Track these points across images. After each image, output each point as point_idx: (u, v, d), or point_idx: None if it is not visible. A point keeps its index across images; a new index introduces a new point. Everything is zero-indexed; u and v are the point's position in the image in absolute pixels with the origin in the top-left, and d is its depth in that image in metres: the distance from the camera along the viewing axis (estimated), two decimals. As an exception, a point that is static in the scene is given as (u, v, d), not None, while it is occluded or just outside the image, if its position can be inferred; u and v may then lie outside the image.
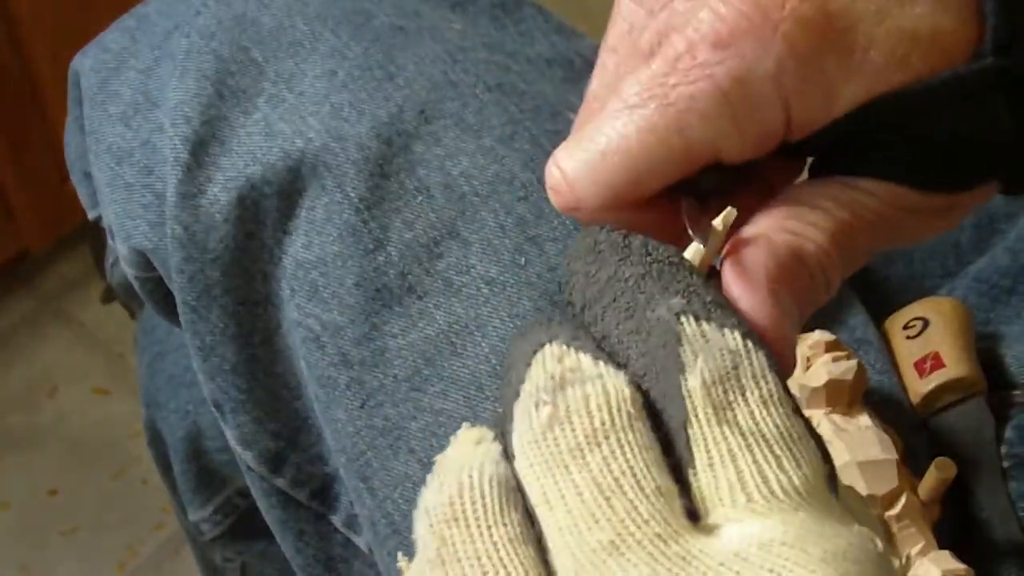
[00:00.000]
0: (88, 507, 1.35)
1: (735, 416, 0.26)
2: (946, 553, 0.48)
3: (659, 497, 0.25)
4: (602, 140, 0.32)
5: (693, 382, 0.26)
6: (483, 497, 0.26)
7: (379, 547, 0.55)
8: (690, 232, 0.31)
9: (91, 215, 0.69)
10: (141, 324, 0.89)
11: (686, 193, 0.32)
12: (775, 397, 0.27)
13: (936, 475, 0.49)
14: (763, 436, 0.26)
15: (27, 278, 1.52)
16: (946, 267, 0.62)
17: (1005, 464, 0.52)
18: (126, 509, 1.35)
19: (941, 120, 0.31)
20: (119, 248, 0.63)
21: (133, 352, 0.94)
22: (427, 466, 0.53)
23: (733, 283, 0.30)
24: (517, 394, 0.28)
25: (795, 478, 0.26)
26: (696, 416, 0.26)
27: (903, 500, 0.49)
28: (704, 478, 0.26)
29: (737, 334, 0.27)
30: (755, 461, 0.26)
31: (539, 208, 0.54)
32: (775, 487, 0.25)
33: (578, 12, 0.95)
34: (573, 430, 0.26)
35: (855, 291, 0.58)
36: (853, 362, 0.51)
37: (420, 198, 0.54)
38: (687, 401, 0.26)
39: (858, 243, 0.32)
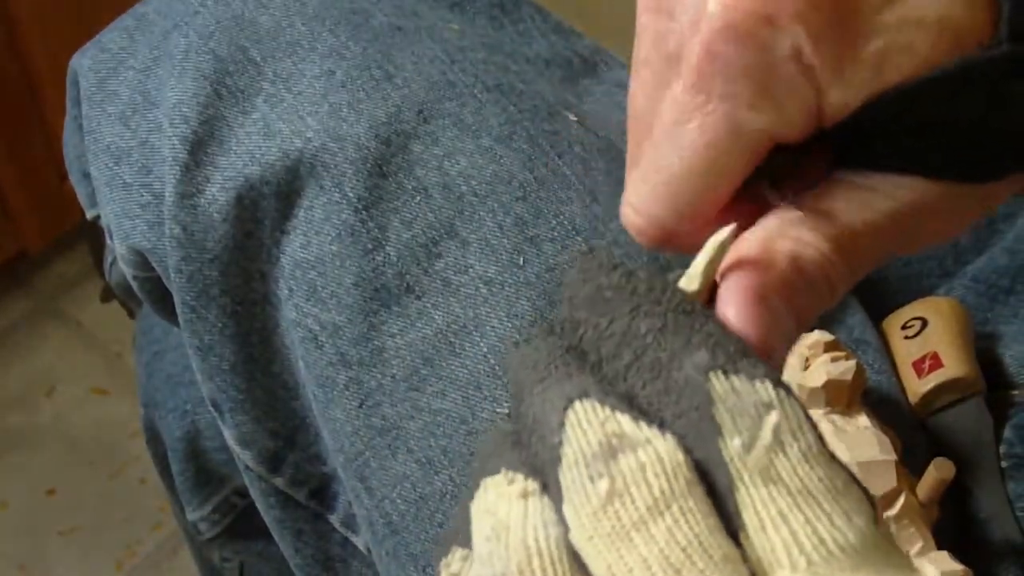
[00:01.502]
0: (86, 507, 1.35)
1: (779, 474, 0.26)
2: (945, 554, 0.47)
3: (727, 564, 0.25)
4: (665, 169, 0.31)
5: (733, 446, 0.26)
6: (553, 566, 0.26)
7: (377, 547, 0.55)
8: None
9: (89, 215, 0.69)
10: (139, 324, 0.88)
11: (761, 179, 0.32)
12: (814, 449, 0.26)
13: (935, 475, 0.49)
14: (810, 493, 0.26)
15: (25, 278, 1.52)
16: (944, 267, 0.61)
17: (1004, 464, 0.52)
18: (124, 508, 1.35)
19: (956, 108, 0.31)
20: (117, 248, 0.63)
21: (131, 352, 0.94)
22: (425, 466, 0.53)
23: (725, 298, 0.30)
24: (555, 457, 0.27)
25: (850, 534, 0.25)
26: (742, 480, 0.26)
27: (901, 500, 0.49)
28: (758, 541, 0.25)
29: (768, 384, 0.27)
30: (807, 521, 0.25)
31: (537, 208, 0.54)
32: (832, 546, 0.25)
33: (577, 12, 0.96)
34: (634, 502, 0.26)
35: (853, 291, 0.58)
36: (852, 362, 0.50)
37: (418, 198, 0.54)
38: (730, 466, 0.26)
39: (865, 248, 0.32)
